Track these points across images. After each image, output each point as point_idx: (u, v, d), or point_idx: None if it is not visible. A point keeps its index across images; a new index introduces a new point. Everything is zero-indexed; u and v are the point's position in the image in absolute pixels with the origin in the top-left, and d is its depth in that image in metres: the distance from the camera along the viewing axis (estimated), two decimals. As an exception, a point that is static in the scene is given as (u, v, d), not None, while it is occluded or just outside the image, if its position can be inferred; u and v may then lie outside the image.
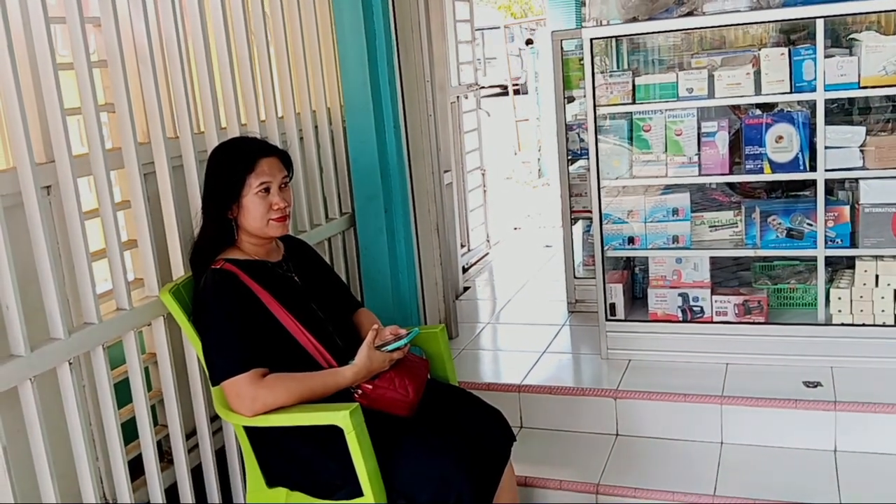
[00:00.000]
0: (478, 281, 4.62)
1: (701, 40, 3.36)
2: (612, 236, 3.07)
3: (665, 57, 3.38)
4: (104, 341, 2.02)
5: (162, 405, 2.32)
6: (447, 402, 2.18)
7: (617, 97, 2.94)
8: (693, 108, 2.89)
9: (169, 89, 2.36)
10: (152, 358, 2.30)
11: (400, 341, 2.08)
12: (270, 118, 2.75)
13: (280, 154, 2.12)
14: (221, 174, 2.07)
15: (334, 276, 2.42)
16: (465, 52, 4.69)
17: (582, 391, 2.88)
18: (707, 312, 3.01)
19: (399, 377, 2.06)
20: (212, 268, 2.05)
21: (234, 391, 1.92)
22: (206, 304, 2.02)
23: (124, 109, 2.11)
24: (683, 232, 2.99)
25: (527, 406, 2.94)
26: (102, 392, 2.05)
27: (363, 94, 2.96)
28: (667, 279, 3.04)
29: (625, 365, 3.06)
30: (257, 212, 2.04)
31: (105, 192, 2.04)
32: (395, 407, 2.04)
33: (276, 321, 2.03)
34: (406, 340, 2.09)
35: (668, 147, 2.92)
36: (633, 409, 2.81)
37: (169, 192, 2.25)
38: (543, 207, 6.58)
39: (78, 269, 1.98)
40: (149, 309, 2.17)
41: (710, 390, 2.78)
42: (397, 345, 2.08)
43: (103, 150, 2.03)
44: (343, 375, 2.01)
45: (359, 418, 1.87)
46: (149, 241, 2.18)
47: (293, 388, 1.95)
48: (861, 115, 2.99)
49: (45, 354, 1.85)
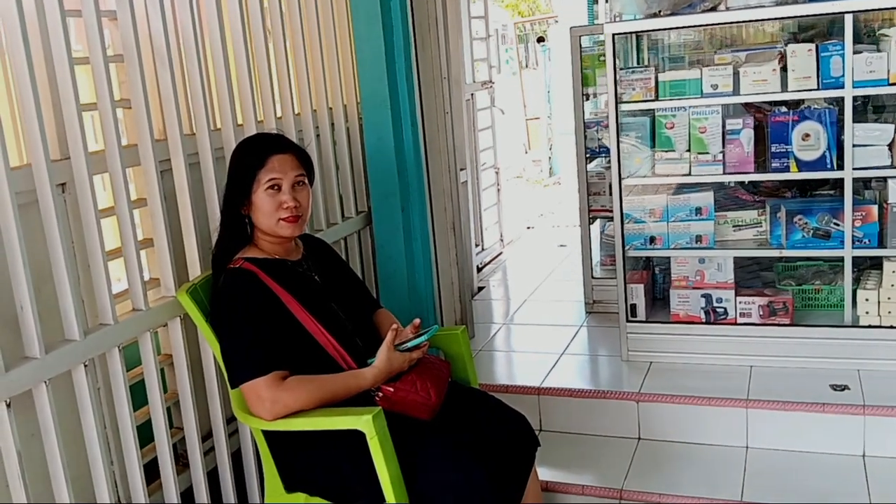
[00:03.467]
0: (492, 280, 4.57)
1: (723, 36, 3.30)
2: (633, 236, 3.01)
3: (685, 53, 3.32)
4: (120, 342, 1.97)
5: (177, 407, 2.27)
6: (469, 405, 2.13)
7: (639, 94, 2.88)
8: (717, 105, 2.83)
9: (185, 85, 2.31)
10: (168, 359, 2.26)
11: (418, 338, 2.03)
12: (287, 115, 2.71)
13: (296, 151, 2.07)
14: (235, 170, 2.04)
15: (353, 276, 2.38)
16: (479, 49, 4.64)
17: (603, 394, 2.82)
18: (731, 314, 2.95)
19: (420, 379, 2.01)
20: (230, 267, 2.00)
21: (254, 394, 1.87)
22: (224, 304, 1.98)
23: (140, 105, 2.06)
24: (707, 231, 2.92)
25: (546, 409, 2.89)
26: (118, 394, 2.00)
27: (380, 90, 2.91)
28: (689, 280, 2.98)
29: (646, 367, 3.00)
30: (266, 209, 1.99)
31: (121, 189, 2.00)
32: (416, 410, 1.99)
33: (295, 321, 1.98)
34: (425, 338, 2.03)
35: (691, 145, 2.86)
36: (656, 413, 2.76)
37: (186, 189, 2.21)
38: (556, 206, 6.53)
39: (93, 268, 1.93)
40: (165, 309, 2.12)
41: (735, 393, 2.72)
42: (416, 342, 2.02)
43: (119, 147, 1.98)
44: (363, 377, 1.97)
45: (381, 423, 1.82)
46: (165, 239, 2.13)
47: (314, 391, 1.90)
48: (890, 113, 2.92)
49: (60, 356, 1.80)
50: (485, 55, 4.69)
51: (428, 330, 2.06)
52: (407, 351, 2.02)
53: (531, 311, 3.89)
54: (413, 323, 2.11)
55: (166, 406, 2.19)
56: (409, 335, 2.07)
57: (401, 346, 2.02)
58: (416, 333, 2.07)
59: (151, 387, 2.11)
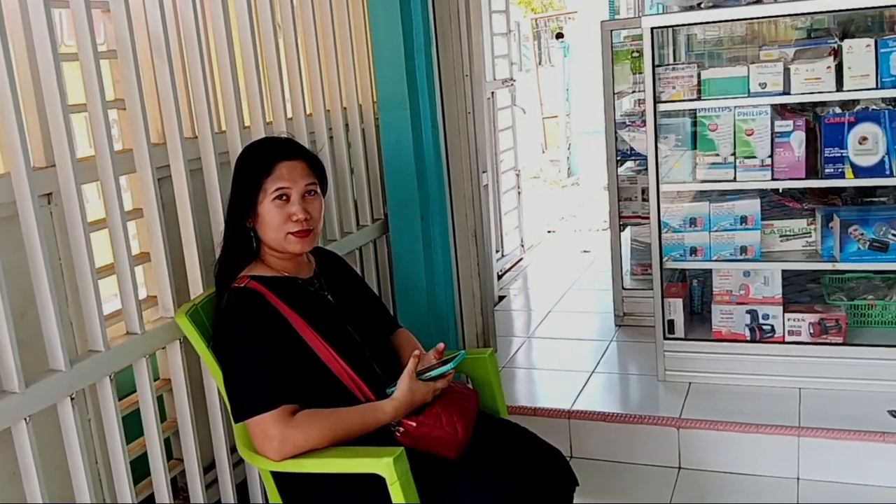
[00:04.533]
0: (512, 289, 4.36)
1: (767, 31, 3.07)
2: (672, 246, 2.78)
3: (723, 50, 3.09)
4: (111, 371, 1.77)
5: (177, 437, 2.07)
6: (499, 439, 1.91)
7: (679, 92, 2.66)
8: (766, 105, 2.60)
9: (187, 84, 2.11)
10: (166, 384, 2.06)
11: (444, 367, 1.82)
12: (298, 116, 2.50)
13: (307, 157, 1.86)
14: (239, 177, 1.84)
15: (370, 294, 2.16)
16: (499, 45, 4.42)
17: (640, 419, 2.60)
18: (778, 332, 2.72)
19: (446, 412, 1.80)
20: (234, 286, 1.80)
21: (261, 431, 1.66)
22: (227, 328, 1.77)
23: (136, 106, 1.86)
24: (752, 242, 2.70)
25: (577, 434, 2.67)
26: (109, 426, 1.80)
27: (399, 89, 2.70)
28: (733, 294, 2.76)
29: (685, 388, 2.78)
30: (273, 222, 1.79)
31: (114, 199, 1.79)
32: (441, 447, 1.78)
33: (306, 347, 1.77)
34: (451, 366, 1.82)
35: (736, 148, 2.64)
36: (698, 440, 2.53)
37: (186, 198, 2.00)
38: (576, 209, 6.29)
39: (82, 288, 1.73)
40: (163, 332, 1.92)
41: (785, 419, 2.50)
42: (441, 371, 1.81)
43: (111, 152, 1.78)
44: (382, 411, 1.75)
45: (404, 466, 1.61)
46: (163, 254, 1.93)
47: (327, 428, 1.69)
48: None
49: (43, 389, 1.60)
50: (505, 51, 4.46)
51: (454, 356, 1.84)
52: (431, 380, 1.81)
53: (556, 324, 3.67)
54: (437, 348, 1.90)
55: (165, 436, 1.99)
56: (433, 361, 1.86)
57: (424, 375, 1.80)
58: (440, 360, 1.86)
59: (147, 416, 1.91)
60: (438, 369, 1.81)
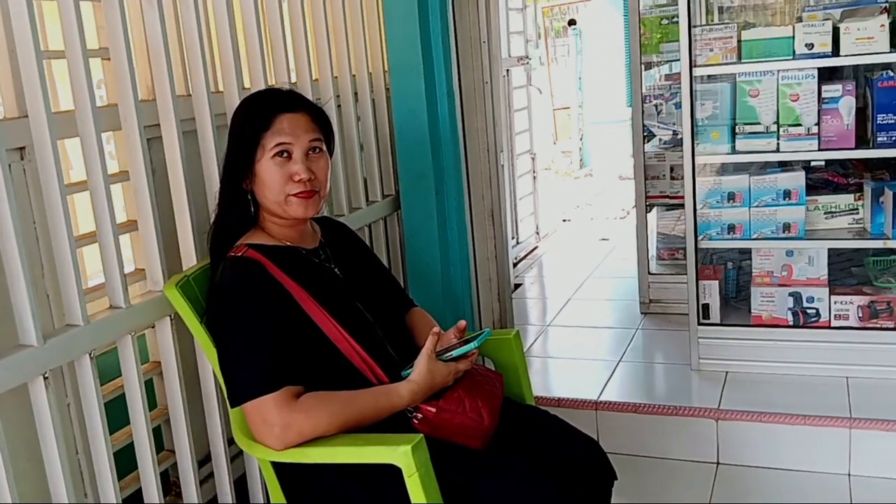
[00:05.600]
0: (527, 277, 4.15)
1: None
2: (707, 224, 2.57)
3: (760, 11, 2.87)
4: (92, 349, 1.57)
5: (168, 426, 1.87)
6: (527, 428, 1.71)
7: (718, 56, 2.45)
8: (813, 68, 2.38)
9: (180, 35, 1.91)
10: (156, 368, 1.85)
11: (467, 346, 1.61)
12: (304, 81, 2.29)
13: (311, 110, 1.65)
14: (235, 132, 1.63)
15: (382, 268, 1.96)
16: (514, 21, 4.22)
17: (675, 410, 2.39)
18: (824, 316, 2.51)
19: (469, 397, 1.59)
20: (231, 255, 1.60)
21: (260, 416, 1.46)
22: (222, 301, 1.57)
23: (122, 55, 1.65)
24: (797, 219, 2.48)
25: (606, 427, 2.46)
26: (90, 411, 1.60)
27: (412, 53, 2.49)
28: (774, 275, 2.54)
29: (721, 378, 2.57)
30: (272, 182, 1.58)
31: (95, 157, 1.59)
32: (464, 436, 1.57)
33: (312, 324, 1.57)
34: (475, 345, 1.61)
35: (780, 116, 2.42)
36: (739, 433, 2.33)
37: (178, 161, 1.80)
38: (591, 198, 6.08)
39: (58, 255, 1.53)
40: (151, 307, 1.72)
41: (835, 410, 2.29)
42: (464, 350, 1.61)
43: (93, 105, 1.58)
44: (398, 394, 1.55)
45: (423, 456, 1.40)
46: (152, 221, 1.72)
47: (336, 413, 1.48)
48: None
49: (12, 366, 1.40)
50: (520, 28, 4.25)
51: (478, 335, 1.64)
52: (452, 360, 1.60)
53: (577, 312, 3.46)
54: (457, 325, 1.70)
55: (154, 425, 1.79)
56: (453, 341, 1.66)
57: (444, 356, 1.60)
58: (461, 339, 1.66)
59: (134, 402, 1.71)
60: (461, 349, 1.61)
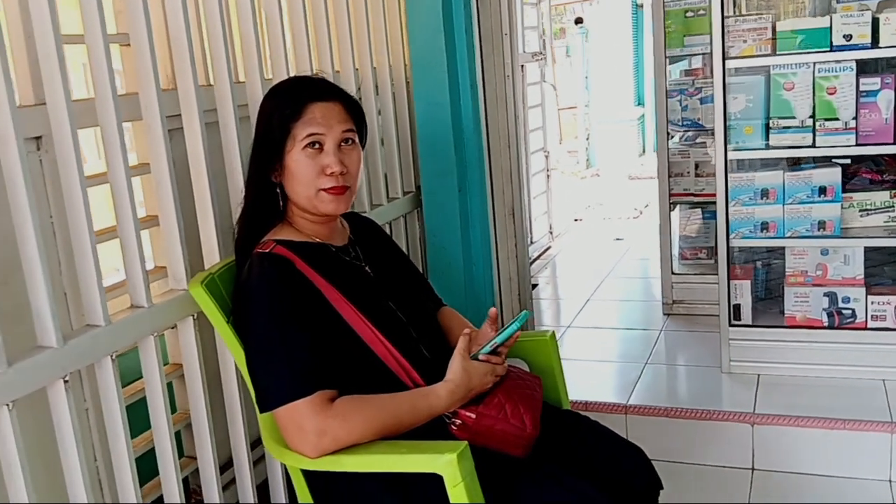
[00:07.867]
0: (541, 277, 4.07)
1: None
2: (739, 222, 2.49)
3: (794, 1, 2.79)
4: (113, 350, 1.48)
5: (189, 431, 1.79)
6: (568, 434, 1.63)
7: (751, 47, 2.37)
8: (851, 60, 2.31)
9: (201, 23, 1.83)
10: (177, 370, 1.77)
11: (507, 329, 1.52)
12: (327, 71, 2.21)
13: (344, 99, 1.57)
14: (264, 122, 1.55)
15: (412, 266, 1.88)
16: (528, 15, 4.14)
17: (709, 414, 2.31)
18: (860, 317, 2.43)
19: (510, 402, 1.51)
20: (258, 251, 1.51)
21: (294, 422, 1.38)
22: (251, 299, 1.48)
23: (143, 42, 1.57)
24: (832, 216, 2.41)
25: (636, 431, 2.37)
26: (111, 416, 1.52)
27: (435, 46, 2.41)
28: (808, 275, 2.47)
29: (754, 381, 2.49)
30: (302, 175, 1.50)
31: (116, 149, 1.51)
32: (506, 444, 1.49)
33: (344, 325, 1.49)
34: (516, 324, 1.52)
35: (816, 110, 2.35)
36: (776, 438, 2.25)
37: (201, 153, 1.72)
38: (603, 198, 6.00)
39: (77, 252, 1.44)
40: (174, 306, 1.64)
41: (875, 414, 2.21)
42: (507, 332, 1.51)
43: (114, 94, 1.50)
44: (437, 395, 1.47)
45: (468, 465, 1.32)
46: (174, 217, 1.64)
47: (373, 418, 1.40)
48: None
49: (29, 369, 1.32)
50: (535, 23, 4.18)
51: (516, 318, 1.54)
52: (494, 347, 1.51)
53: (597, 313, 3.38)
54: (489, 316, 1.60)
55: (176, 429, 1.71)
56: (491, 334, 1.57)
57: (485, 347, 1.51)
58: (496, 331, 1.57)
59: (156, 406, 1.63)
60: (502, 333, 1.52)
